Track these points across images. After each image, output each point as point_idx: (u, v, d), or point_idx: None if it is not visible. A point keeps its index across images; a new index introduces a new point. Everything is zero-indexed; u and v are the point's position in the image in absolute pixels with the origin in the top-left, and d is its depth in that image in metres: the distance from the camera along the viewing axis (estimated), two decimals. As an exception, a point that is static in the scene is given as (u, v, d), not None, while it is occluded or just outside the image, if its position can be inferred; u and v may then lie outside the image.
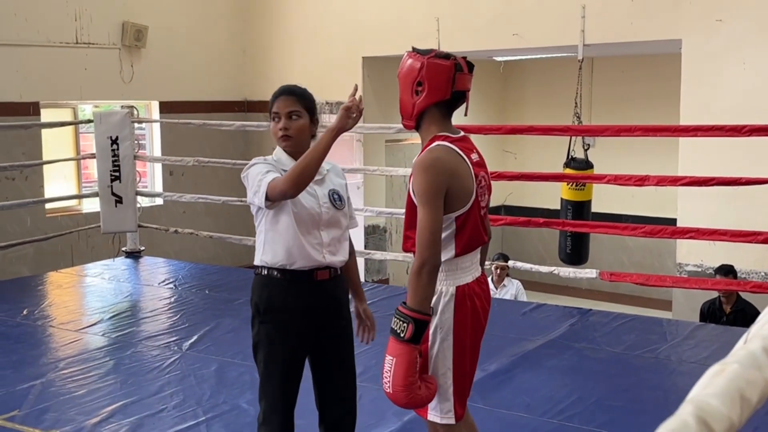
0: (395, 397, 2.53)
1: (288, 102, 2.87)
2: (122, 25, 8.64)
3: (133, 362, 4.63)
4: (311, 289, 2.82)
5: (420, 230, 2.49)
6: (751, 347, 0.71)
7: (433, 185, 2.48)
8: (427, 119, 2.61)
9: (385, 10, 8.85)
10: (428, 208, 2.48)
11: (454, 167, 2.53)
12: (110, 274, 6.79)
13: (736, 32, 6.74)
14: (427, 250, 2.45)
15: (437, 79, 2.55)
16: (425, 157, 2.54)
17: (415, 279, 2.47)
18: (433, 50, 2.61)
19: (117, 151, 6.80)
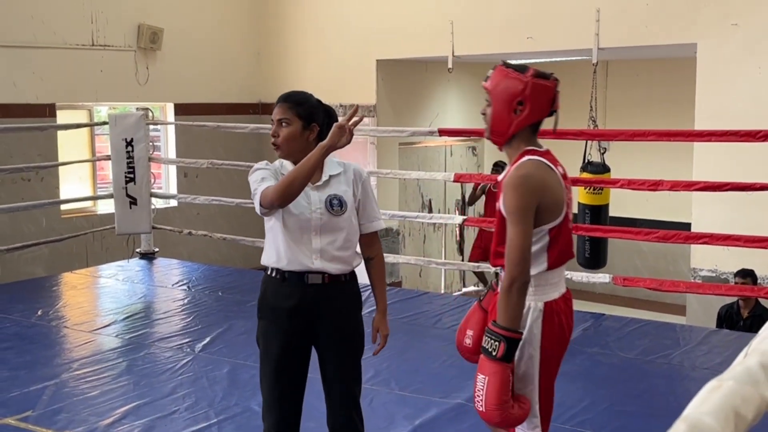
0: (489, 416, 2.51)
1: (281, 109, 2.92)
2: (138, 28, 8.68)
3: (146, 364, 4.66)
4: (302, 291, 2.86)
5: (510, 248, 2.49)
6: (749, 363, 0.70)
7: (523, 203, 2.50)
8: (519, 136, 2.61)
9: (399, 14, 8.86)
10: (519, 226, 2.49)
11: (544, 181, 2.54)
12: (124, 275, 6.83)
13: (751, 36, 6.70)
14: (516, 268, 2.46)
15: (540, 100, 2.56)
16: (514, 175, 2.54)
17: (505, 297, 2.48)
18: (529, 67, 2.60)
19: (132, 153, 6.83)
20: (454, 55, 8.35)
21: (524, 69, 2.59)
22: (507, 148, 2.66)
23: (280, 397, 2.90)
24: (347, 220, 2.90)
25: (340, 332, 2.92)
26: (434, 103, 10.23)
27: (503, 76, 2.60)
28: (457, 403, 4.01)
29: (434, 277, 10.54)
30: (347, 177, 2.94)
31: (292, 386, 2.92)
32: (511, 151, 2.64)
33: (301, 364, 2.92)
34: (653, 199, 9.32)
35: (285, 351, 2.89)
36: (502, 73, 2.61)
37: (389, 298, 5.99)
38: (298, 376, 2.92)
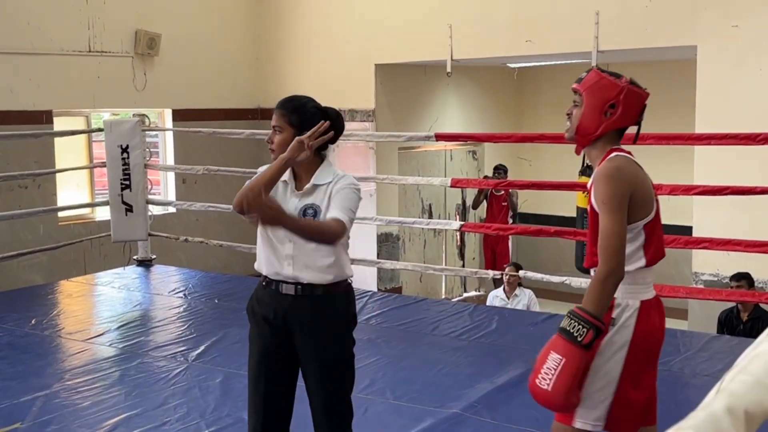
0: (552, 397, 2.47)
1: (275, 115, 2.92)
2: (135, 33, 8.64)
3: (139, 373, 4.60)
4: (277, 301, 2.86)
5: (606, 238, 2.49)
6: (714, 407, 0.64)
7: (617, 192, 2.51)
8: (603, 140, 2.65)
9: (398, 18, 8.81)
10: (613, 215, 2.49)
11: (635, 174, 2.59)
12: (120, 282, 6.78)
13: (752, 38, 6.64)
14: (614, 258, 2.46)
15: (632, 106, 2.63)
16: (606, 166, 2.57)
17: (600, 286, 2.47)
18: (622, 75, 2.67)
19: (127, 160, 6.79)
20: (452, 59, 8.30)
21: (619, 76, 2.67)
22: (590, 149, 2.70)
23: (262, 401, 2.91)
24: None
25: (319, 357, 2.85)
26: (434, 108, 10.17)
27: (598, 79, 2.66)
28: (453, 412, 3.95)
29: (435, 282, 10.47)
30: (331, 188, 2.86)
31: (273, 392, 2.90)
32: (595, 152, 2.68)
33: (281, 372, 2.89)
34: (655, 203, 9.25)
35: (263, 356, 2.91)
36: (597, 76, 2.68)
37: (389, 305, 5.97)
38: (279, 383, 2.89)
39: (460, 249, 10.78)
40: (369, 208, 9.03)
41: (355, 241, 3.06)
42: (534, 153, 11.09)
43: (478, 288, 10.75)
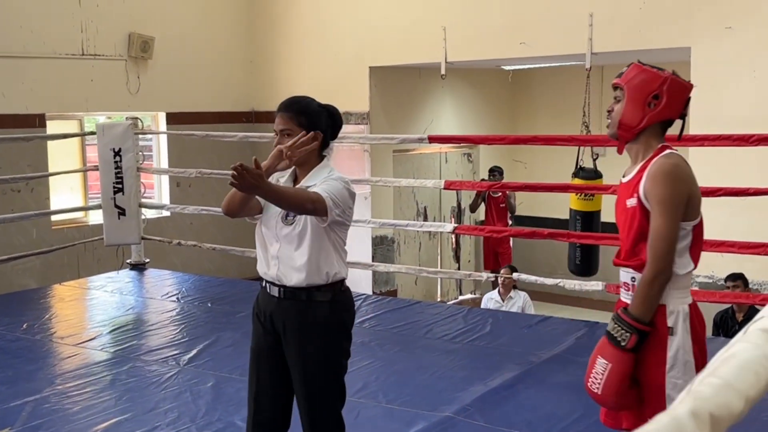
0: (603, 400, 2.54)
1: (282, 119, 2.87)
2: (128, 37, 8.62)
3: (130, 377, 4.57)
4: (266, 301, 2.91)
5: (657, 239, 2.44)
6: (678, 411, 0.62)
7: (677, 192, 2.46)
8: (647, 134, 2.57)
9: (392, 20, 8.79)
10: (668, 217, 2.44)
11: (691, 174, 2.53)
12: (113, 286, 6.75)
13: (746, 40, 6.63)
14: (663, 260, 2.42)
15: (676, 98, 2.55)
16: (665, 163, 2.50)
17: (646, 289, 2.44)
18: (664, 69, 2.60)
19: (120, 163, 6.76)
20: (446, 61, 8.28)
21: (661, 69, 2.60)
22: (633, 144, 2.62)
23: (253, 399, 2.95)
24: (307, 232, 2.81)
25: (300, 364, 2.83)
26: (428, 110, 10.16)
27: (640, 71, 2.58)
28: (445, 416, 3.92)
29: (431, 285, 10.45)
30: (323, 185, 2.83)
31: (264, 391, 2.91)
32: (639, 147, 2.61)
33: (271, 372, 2.89)
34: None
35: (256, 354, 2.95)
36: (638, 68, 2.60)
37: (383, 308, 5.95)
38: (269, 383, 2.89)
39: (456, 252, 10.76)
40: (364, 211, 9.00)
41: (351, 244, 3.04)
42: (529, 155, 11.08)
43: (474, 291, 10.73)
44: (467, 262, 11.08)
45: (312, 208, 2.68)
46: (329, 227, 2.78)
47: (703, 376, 0.70)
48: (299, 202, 2.68)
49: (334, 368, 2.85)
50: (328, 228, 2.79)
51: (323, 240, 2.80)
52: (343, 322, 2.88)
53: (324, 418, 2.86)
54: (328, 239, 2.81)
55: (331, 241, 2.82)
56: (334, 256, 2.83)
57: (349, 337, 2.91)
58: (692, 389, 0.67)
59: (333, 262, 2.83)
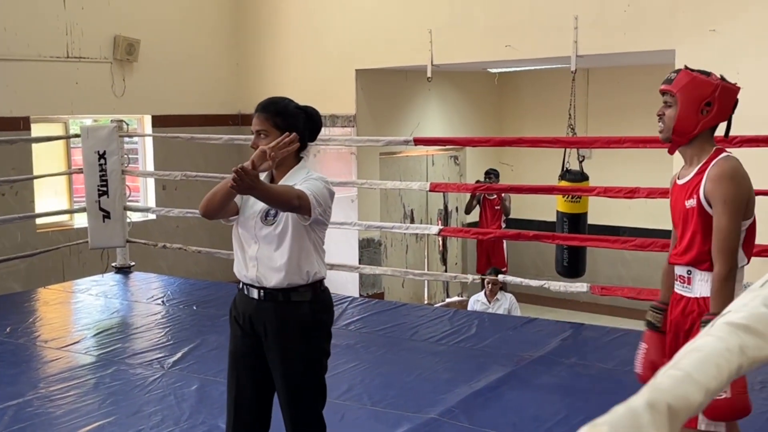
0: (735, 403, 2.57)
1: (259, 120, 2.86)
2: (114, 39, 8.58)
3: (114, 381, 4.55)
4: (245, 304, 2.88)
5: (725, 238, 2.56)
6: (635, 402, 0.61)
7: (741, 193, 2.59)
8: (702, 137, 2.70)
9: (378, 23, 8.79)
10: (733, 216, 2.56)
11: (747, 175, 2.65)
12: (98, 290, 6.72)
13: (729, 42, 6.66)
14: (733, 257, 2.55)
15: (727, 103, 2.70)
16: (728, 165, 2.63)
17: (723, 286, 2.55)
18: (711, 73, 2.72)
19: (104, 166, 6.73)
20: (433, 64, 8.29)
21: (709, 74, 2.72)
22: (687, 148, 2.74)
23: (232, 402, 2.91)
24: (288, 232, 2.81)
25: (282, 365, 2.83)
26: (415, 113, 10.16)
27: (691, 78, 2.69)
28: (430, 417, 3.92)
29: (418, 288, 10.45)
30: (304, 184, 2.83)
31: (242, 395, 2.89)
32: (693, 151, 2.73)
33: (251, 376, 2.87)
34: (635, 207, 9.27)
35: (234, 358, 2.92)
36: (689, 75, 2.71)
37: (369, 310, 5.94)
38: (248, 387, 2.88)
39: (442, 254, 10.77)
40: (350, 213, 8.99)
41: (337, 247, 3.07)
42: (515, 158, 11.10)
43: (461, 293, 10.74)
44: (454, 264, 11.09)
45: (298, 205, 2.70)
46: (310, 226, 2.79)
47: (665, 368, 0.70)
48: (287, 198, 2.69)
49: (316, 368, 2.86)
50: (309, 227, 2.80)
51: (304, 239, 2.81)
52: (324, 322, 2.88)
53: (306, 418, 2.86)
54: (309, 239, 2.82)
55: (312, 241, 2.83)
56: (314, 256, 2.84)
57: (329, 337, 2.91)
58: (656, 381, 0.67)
59: (313, 262, 2.84)
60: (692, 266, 2.71)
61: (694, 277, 2.70)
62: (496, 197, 9.63)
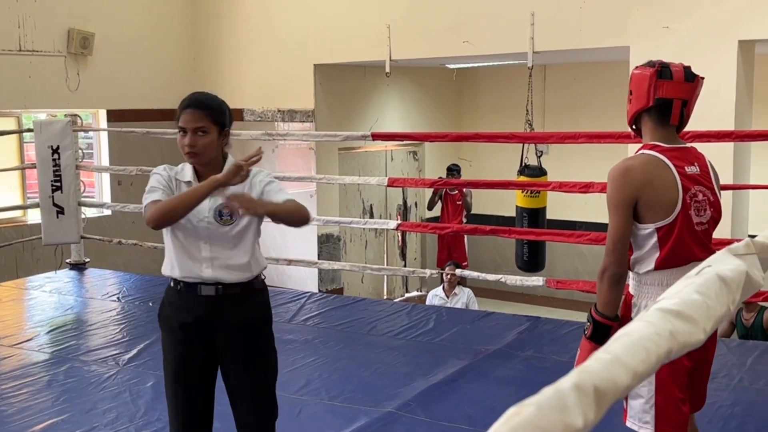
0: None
1: (195, 116, 2.73)
2: (68, 32, 8.45)
3: (68, 378, 4.49)
4: (195, 304, 2.78)
5: (608, 237, 2.59)
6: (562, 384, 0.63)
7: (618, 194, 2.57)
8: (644, 129, 2.70)
9: (337, 18, 8.78)
10: (613, 217, 2.58)
11: (646, 177, 2.56)
12: (52, 286, 6.62)
13: (683, 39, 6.77)
14: (607, 257, 2.56)
15: (639, 88, 2.66)
16: (616, 167, 2.63)
17: (598, 283, 2.62)
18: (657, 62, 2.67)
19: (58, 161, 6.63)
20: (391, 59, 8.30)
21: (654, 64, 2.67)
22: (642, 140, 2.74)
23: (182, 407, 2.83)
24: (249, 230, 2.81)
25: (243, 351, 2.81)
26: (373, 108, 10.17)
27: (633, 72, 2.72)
28: (387, 411, 3.94)
29: (377, 283, 10.46)
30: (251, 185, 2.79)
31: (195, 397, 2.84)
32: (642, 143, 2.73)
33: (202, 376, 2.84)
34: (592, 202, 9.37)
35: (182, 363, 2.81)
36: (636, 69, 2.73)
37: (328, 305, 5.93)
38: (201, 387, 2.84)
39: (402, 249, 10.79)
40: (310, 209, 8.95)
41: (296, 242, 3.06)
42: (474, 153, 11.16)
43: (420, 288, 10.77)
44: (413, 259, 11.12)
45: (307, 215, 2.77)
46: (260, 221, 2.81)
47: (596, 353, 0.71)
48: (300, 212, 2.74)
49: (273, 351, 2.90)
50: (259, 221, 2.81)
51: (257, 235, 2.84)
52: (271, 309, 2.94)
53: (268, 400, 2.87)
54: (259, 233, 2.84)
55: (259, 234, 2.86)
56: (259, 248, 2.89)
57: None
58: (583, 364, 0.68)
59: (261, 254, 2.91)
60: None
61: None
62: (458, 193, 9.67)
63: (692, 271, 0.93)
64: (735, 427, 3.75)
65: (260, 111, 9.40)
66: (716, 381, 4.30)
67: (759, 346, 4.95)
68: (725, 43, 6.56)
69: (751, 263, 0.93)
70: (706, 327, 0.78)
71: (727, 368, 4.49)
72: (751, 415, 3.89)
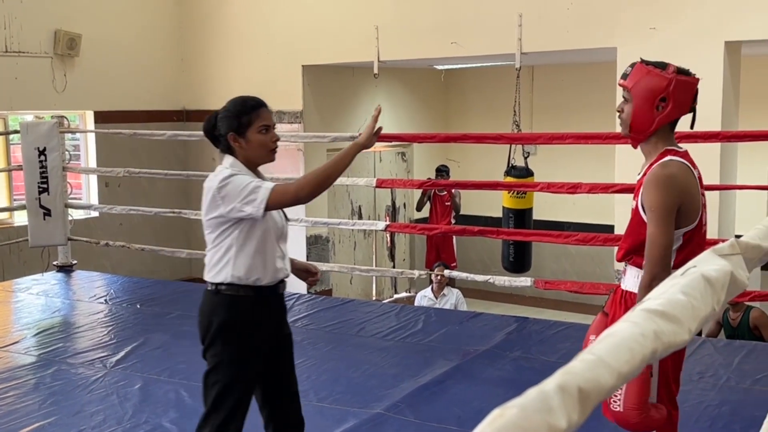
0: (626, 417, 2.53)
1: (270, 114, 2.88)
2: (54, 33, 8.42)
3: (56, 381, 4.47)
4: (277, 304, 2.88)
5: (651, 246, 2.52)
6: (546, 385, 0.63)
7: (667, 202, 2.53)
8: (657, 134, 2.63)
9: (325, 19, 8.77)
10: (660, 225, 2.52)
11: (686, 183, 2.57)
12: (39, 289, 6.58)
13: (669, 40, 6.79)
14: (657, 266, 2.50)
15: (683, 96, 2.59)
16: (661, 173, 2.56)
17: (645, 294, 2.50)
18: (669, 64, 2.62)
19: (45, 163, 6.60)
20: (379, 60, 8.30)
21: (665, 66, 2.61)
22: (645, 145, 2.68)
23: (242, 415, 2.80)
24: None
25: (289, 340, 2.96)
26: (362, 109, 10.16)
27: (645, 73, 2.61)
28: (375, 413, 3.93)
29: (366, 284, 10.46)
30: None
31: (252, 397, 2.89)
32: (649, 148, 2.67)
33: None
34: (579, 203, 9.41)
35: (258, 373, 2.82)
36: (643, 70, 2.62)
37: (317, 307, 5.93)
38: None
39: (390, 250, 10.79)
40: (298, 210, 8.95)
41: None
42: (462, 154, 11.18)
43: (409, 289, 10.78)
44: (402, 260, 11.12)
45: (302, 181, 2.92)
46: None
47: (581, 354, 0.71)
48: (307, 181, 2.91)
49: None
50: None
51: None
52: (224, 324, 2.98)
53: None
54: None
55: None
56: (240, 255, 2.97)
57: None
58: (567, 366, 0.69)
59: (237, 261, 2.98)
60: (626, 261, 2.75)
61: (628, 270, 2.74)
62: (447, 194, 9.68)
63: (678, 271, 0.94)
64: (722, 426, 3.77)
65: (248, 112, 9.36)
66: (703, 381, 4.32)
67: (746, 346, 4.97)
68: (712, 44, 6.59)
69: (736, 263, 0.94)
70: (691, 327, 0.78)
71: (714, 368, 4.51)
72: (737, 414, 3.90)
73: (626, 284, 2.74)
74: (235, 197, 2.69)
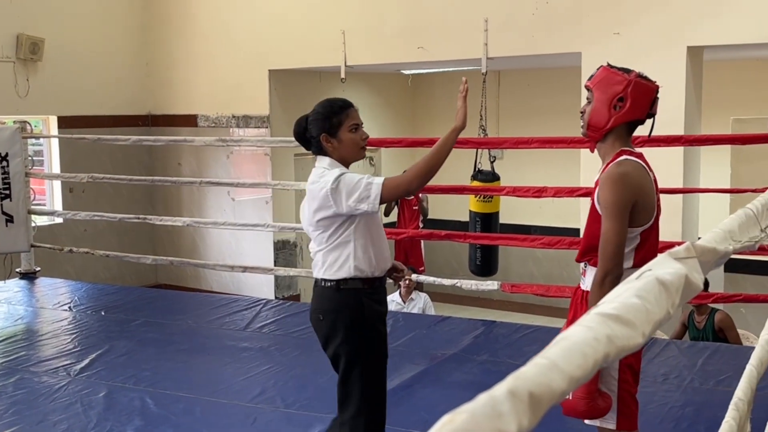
0: (574, 405, 2.58)
1: (358, 112, 3.03)
2: (17, 38, 8.31)
3: (18, 390, 4.40)
4: (383, 294, 3.00)
5: (604, 242, 2.58)
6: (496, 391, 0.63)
7: (621, 199, 2.58)
8: (614, 134, 2.70)
9: (291, 23, 8.76)
10: (614, 222, 2.57)
11: (641, 182, 2.63)
12: (1, 296, 6.48)
13: (633, 45, 6.87)
14: (610, 261, 2.55)
15: (641, 99, 2.67)
16: (614, 171, 2.63)
17: (598, 289, 2.56)
18: (633, 70, 2.70)
19: (7, 169, 6.51)
20: (346, 65, 8.30)
21: (629, 71, 2.71)
22: (601, 145, 2.75)
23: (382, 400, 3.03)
24: None
25: None
26: (329, 114, 10.15)
27: (606, 74, 2.71)
28: (342, 418, 3.91)
29: (334, 288, 10.42)
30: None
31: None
32: (606, 148, 2.73)
33: None
34: (546, 207, 9.47)
35: (384, 359, 3.01)
36: (606, 71, 2.73)
37: (284, 312, 5.90)
38: None
39: (358, 255, 10.77)
40: (265, 215, 8.93)
41: (252, 249, 3.09)
42: (430, 158, 11.19)
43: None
44: (370, 265, 11.10)
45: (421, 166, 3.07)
46: None
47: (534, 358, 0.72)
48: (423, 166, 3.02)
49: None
50: None
51: None
52: None
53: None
54: None
55: None
56: None
57: None
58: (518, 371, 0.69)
59: None
60: (585, 262, 2.79)
61: (588, 271, 2.78)
62: (414, 198, 9.69)
63: (633, 275, 0.95)
64: (686, 427, 3.81)
65: (215, 117, 9.33)
66: (668, 382, 4.36)
67: (709, 347, 5.03)
68: (674, 49, 6.67)
69: (691, 267, 0.95)
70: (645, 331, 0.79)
71: (678, 369, 4.56)
72: (701, 415, 3.95)
73: (586, 285, 2.76)
74: (349, 195, 2.80)
